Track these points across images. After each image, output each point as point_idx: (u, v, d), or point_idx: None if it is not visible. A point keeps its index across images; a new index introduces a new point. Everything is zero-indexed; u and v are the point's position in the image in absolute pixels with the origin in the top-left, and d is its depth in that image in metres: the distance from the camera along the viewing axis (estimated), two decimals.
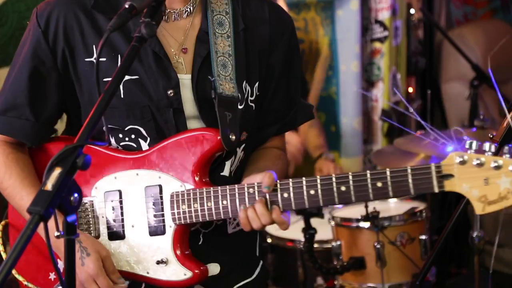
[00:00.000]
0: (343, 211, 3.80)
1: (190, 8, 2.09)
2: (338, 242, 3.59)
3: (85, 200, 2.08)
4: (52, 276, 2.14)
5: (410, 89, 5.35)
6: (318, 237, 3.58)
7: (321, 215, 3.53)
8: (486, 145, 1.81)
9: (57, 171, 1.50)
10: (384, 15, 5.00)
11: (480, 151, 1.82)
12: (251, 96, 2.12)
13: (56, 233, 1.56)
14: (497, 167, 1.78)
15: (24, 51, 2.08)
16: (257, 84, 2.13)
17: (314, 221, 3.52)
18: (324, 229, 3.65)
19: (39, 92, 2.08)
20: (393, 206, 3.86)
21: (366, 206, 3.52)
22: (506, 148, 1.80)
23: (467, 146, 1.83)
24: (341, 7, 4.91)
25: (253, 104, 2.13)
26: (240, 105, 2.07)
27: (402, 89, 5.23)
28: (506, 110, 2.37)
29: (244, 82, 2.09)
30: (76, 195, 1.54)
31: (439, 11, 5.95)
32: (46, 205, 1.46)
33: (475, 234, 3.54)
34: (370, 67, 5.09)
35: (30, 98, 2.07)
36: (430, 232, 3.73)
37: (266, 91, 2.17)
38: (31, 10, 2.04)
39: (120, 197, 2.07)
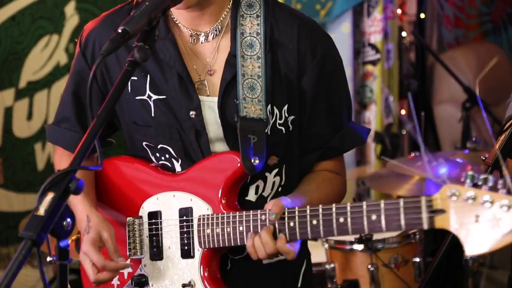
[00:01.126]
0: None
1: (217, 30, 2.07)
2: (332, 265, 3.58)
3: (133, 219, 2.13)
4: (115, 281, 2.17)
5: (403, 112, 5.37)
6: (311, 259, 3.57)
7: (314, 238, 3.51)
8: (488, 179, 1.62)
9: (49, 196, 1.50)
10: (376, 38, 5.04)
11: (477, 185, 1.64)
12: (280, 119, 2.08)
13: (49, 258, 1.56)
14: (489, 203, 1.61)
15: (72, 67, 2.20)
16: (286, 108, 2.07)
17: (308, 244, 3.51)
18: (317, 252, 3.64)
19: (82, 108, 2.18)
20: None
21: None
22: (500, 182, 1.62)
23: (463, 179, 1.65)
24: (333, 30, 4.94)
25: (282, 128, 2.08)
26: (267, 127, 2.04)
27: (395, 111, 5.25)
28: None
29: (270, 105, 2.06)
30: (68, 220, 1.53)
31: (430, 34, 5.99)
32: (39, 230, 1.45)
33: (469, 256, 3.54)
34: (362, 89, 5.11)
35: (75, 113, 2.19)
36: (424, 254, 3.73)
37: (301, 115, 2.10)
38: (25, 35, 2.07)
39: (160, 217, 2.10)
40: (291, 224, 1.91)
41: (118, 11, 2.14)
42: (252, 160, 1.99)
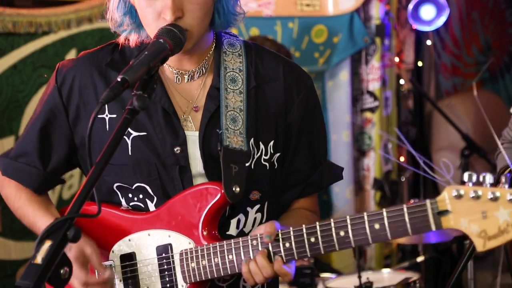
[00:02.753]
0: (336, 282, 3.77)
1: (202, 69, 2.11)
2: None
3: (104, 264, 2.09)
4: None
5: (402, 159, 5.38)
6: None
7: (314, 286, 3.49)
8: (486, 177, 1.68)
9: (47, 244, 1.50)
10: (374, 85, 5.08)
11: (478, 183, 1.68)
12: (265, 155, 2.10)
13: None
14: (495, 199, 1.65)
15: (41, 103, 2.18)
16: (272, 143, 2.10)
17: None
18: None
19: (48, 144, 2.15)
20: (386, 277, 3.83)
21: (359, 277, 3.49)
22: (503, 178, 1.67)
23: (466, 179, 1.69)
24: (331, 78, 4.99)
25: (266, 164, 2.10)
26: (248, 160, 2.05)
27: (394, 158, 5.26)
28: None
29: (253, 139, 2.08)
30: (66, 268, 1.53)
31: (428, 82, 6.04)
32: (36, 279, 1.45)
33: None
34: (361, 136, 5.13)
35: (39, 148, 2.15)
36: None
37: (286, 151, 2.13)
38: (26, 83, 2.09)
39: (134, 259, 2.07)
40: (287, 245, 1.91)
41: (99, 50, 2.15)
42: (234, 188, 1.99)
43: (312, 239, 1.88)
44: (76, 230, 1.55)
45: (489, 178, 1.67)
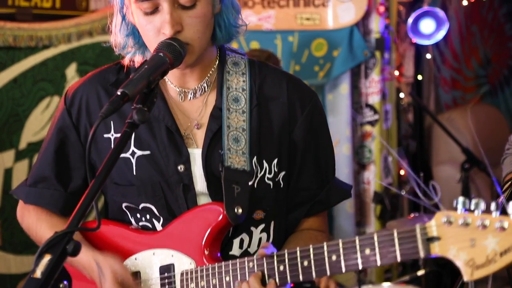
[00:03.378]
0: None
1: (204, 86, 2.10)
2: None
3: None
4: None
5: (402, 172, 5.38)
6: None
7: None
8: (480, 203, 1.62)
9: (46, 258, 1.49)
10: (374, 99, 5.08)
11: (471, 209, 1.63)
12: (269, 173, 2.08)
13: None
14: (483, 227, 1.60)
15: (52, 127, 2.19)
16: (275, 161, 2.09)
17: None
18: None
19: (65, 165, 2.16)
20: None
21: None
22: (493, 204, 1.61)
23: (459, 206, 1.64)
24: (331, 91, 4.99)
25: (270, 182, 2.08)
26: (251, 179, 2.05)
27: (394, 172, 5.26)
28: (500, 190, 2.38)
29: (256, 158, 2.06)
30: (65, 282, 1.53)
31: (428, 95, 6.06)
32: None
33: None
34: (361, 150, 5.13)
35: (57, 171, 2.16)
36: None
37: (292, 169, 2.12)
38: (26, 97, 2.09)
39: (139, 278, 2.07)
40: (281, 268, 1.89)
41: (106, 70, 2.18)
42: (236, 210, 1.98)
43: (305, 263, 1.86)
44: (75, 244, 1.54)
45: (482, 205, 1.62)
